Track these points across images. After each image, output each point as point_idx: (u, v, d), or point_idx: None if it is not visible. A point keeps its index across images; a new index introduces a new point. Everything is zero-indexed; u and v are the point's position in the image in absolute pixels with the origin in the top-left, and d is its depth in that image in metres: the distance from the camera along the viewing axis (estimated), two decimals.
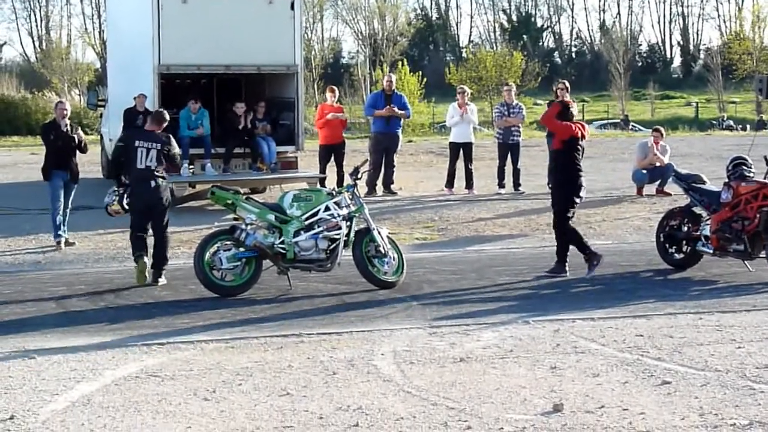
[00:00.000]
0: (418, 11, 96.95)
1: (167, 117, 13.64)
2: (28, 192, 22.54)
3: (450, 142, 22.00)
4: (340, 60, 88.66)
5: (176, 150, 13.37)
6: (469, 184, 21.36)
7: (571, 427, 7.23)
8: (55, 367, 8.94)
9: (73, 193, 15.71)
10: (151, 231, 13.21)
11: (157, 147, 13.06)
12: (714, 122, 62.76)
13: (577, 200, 13.36)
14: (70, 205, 15.64)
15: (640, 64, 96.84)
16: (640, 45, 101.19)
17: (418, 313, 11.20)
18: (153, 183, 12.98)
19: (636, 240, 16.19)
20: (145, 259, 12.94)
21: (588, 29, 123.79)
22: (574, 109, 13.77)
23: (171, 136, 13.57)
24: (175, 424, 7.36)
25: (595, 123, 58.36)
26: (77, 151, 15.49)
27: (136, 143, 13.09)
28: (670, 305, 11.44)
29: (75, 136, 15.37)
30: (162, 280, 12.92)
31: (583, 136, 13.35)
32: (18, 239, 16.15)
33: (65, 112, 15.46)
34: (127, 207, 13.20)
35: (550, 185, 14.37)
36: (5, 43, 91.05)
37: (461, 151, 21.38)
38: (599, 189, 22.18)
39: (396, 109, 21.13)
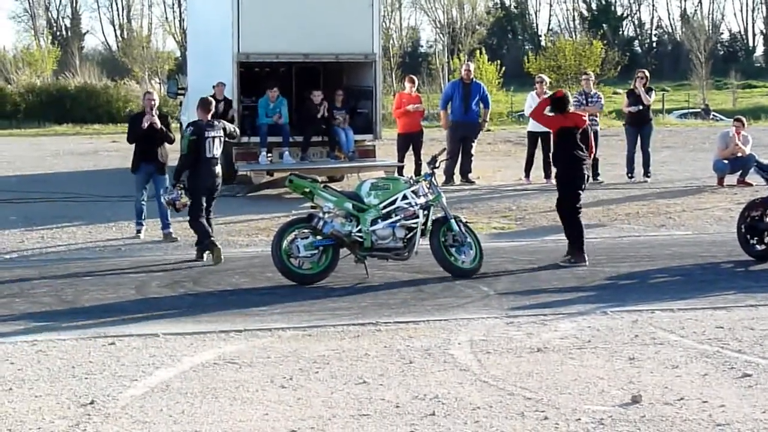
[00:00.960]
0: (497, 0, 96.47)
1: (213, 102, 14.38)
2: (109, 179, 22.86)
3: (528, 131, 21.89)
4: (418, 49, 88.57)
5: (231, 127, 14.27)
6: (547, 174, 21.21)
7: (649, 419, 7.16)
8: (135, 353, 9.03)
9: (165, 183, 15.11)
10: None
11: (220, 135, 13.76)
12: None
13: (581, 192, 13.31)
14: (163, 197, 14.50)
15: (721, 52, 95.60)
16: (722, 34, 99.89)
17: (495, 302, 11.15)
18: (217, 168, 13.82)
19: (716, 231, 15.98)
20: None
21: (669, 18, 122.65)
22: (571, 99, 13.97)
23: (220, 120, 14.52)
24: (252, 411, 7.40)
25: (676, 112, 57.68)
26: (165, 142, 15.45)
27: (206, 134, 13.69)
28: (752, 297, 11.27)
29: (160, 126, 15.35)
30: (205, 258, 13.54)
31: (578, 125, 13.29)
32: (99, 226, 16.34)
33: (153, 102, 15.33)
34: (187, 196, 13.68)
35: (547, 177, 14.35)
36: (87, 32, 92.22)
37: (539, 140, 21.25)
38: (679, 179, 21.97)
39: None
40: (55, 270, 13.15)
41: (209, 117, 13.91)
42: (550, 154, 21.13)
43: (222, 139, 13.89)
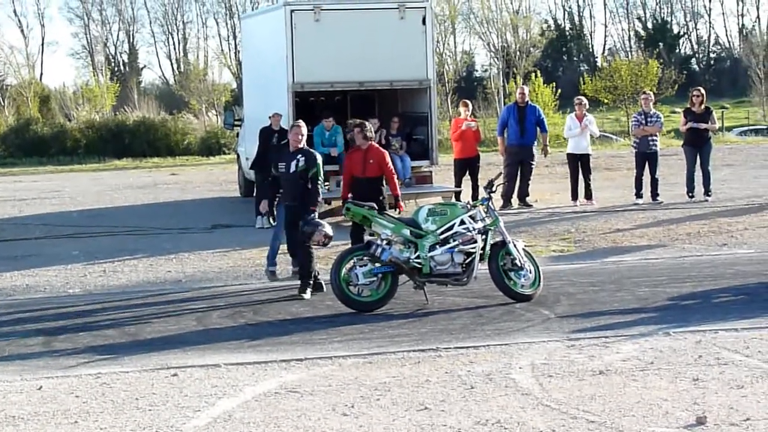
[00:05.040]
0: (551, 22, 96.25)
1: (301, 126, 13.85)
2: (169, 212, 23.06)
3: (568, 154, 21.85)
4: (473, 73, 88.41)
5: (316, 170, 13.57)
6: (588, 195, 21.15)
7: None
8: (197, 383, 9.08)
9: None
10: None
11: (303, 158, 13.45)
12: None
13: None
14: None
15: None
16: None
17: (555, 325, 11.09)
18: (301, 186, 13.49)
19: None
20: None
21: (726, 34, 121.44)
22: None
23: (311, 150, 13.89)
24: None
25: (735, 130, 57.13)
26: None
27: (279, 166, 13.63)
28: None
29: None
30: (306, 295, 13.11)
31: None
32: (159, 258, 16.46)
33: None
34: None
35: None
36: (145, 66, 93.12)
37: (578, 162, 21.21)
38: (741, 197, 21.75)
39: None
40: (117, 303, 13.28)
41: (299, 143, 13.66)
42: (590, 176, 21.16)
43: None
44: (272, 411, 8.12)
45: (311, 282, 13.22)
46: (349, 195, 13.83)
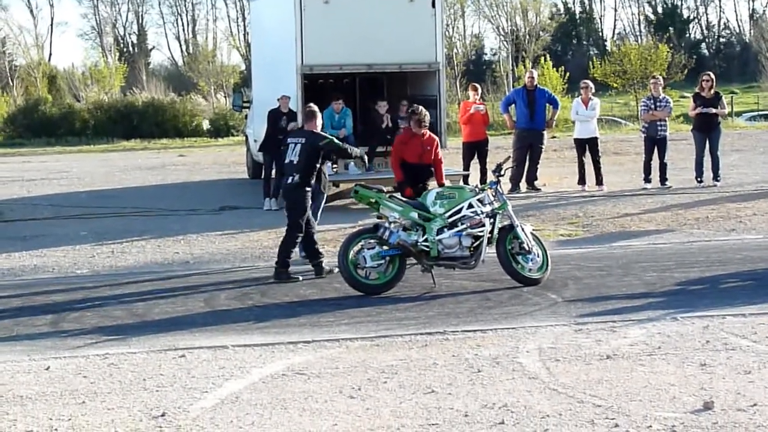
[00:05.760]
0: (561, 5, 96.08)
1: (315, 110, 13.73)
2: (177, 193, 23.08)
3: (574, 139, 21.83)
4: (482, 57, 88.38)
5: (336, 144, 13.53)
6: (599, 180, 21.11)
7: (722, 426, 7.07)
8: (204, 365, 9.09)
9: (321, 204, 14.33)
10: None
11: (301, 142, 13.28)
12: None
13: None
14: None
15: None
16: None
17: (563, 309, 11.09)
18: (291, 179, 13.22)
19: None
20: (323, 263, 13.39)
21: (736, 19, 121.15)
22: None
23: (324, 134, 13.80)
24: (322, 421, 7.42)
25: (745, 115, 57.03)
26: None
27: (288, 140, 13.54)
28: None
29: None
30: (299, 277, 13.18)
31: None
32: (168, 240, 16.48)
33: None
34: None
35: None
36: (153, 47, 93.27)
37: (587, 147, 21.19)
38: (750, 182, 21.73)
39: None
40: (125, 284, 13.29)
41: (314, 128, 13.57)
42: (599, 160, 21.13)
43: (303, 147, 13.24)
44: (279, 393, 8.13)
45: (279, 267, 13.18)
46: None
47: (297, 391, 8.15)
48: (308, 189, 13.18)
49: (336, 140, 13.79)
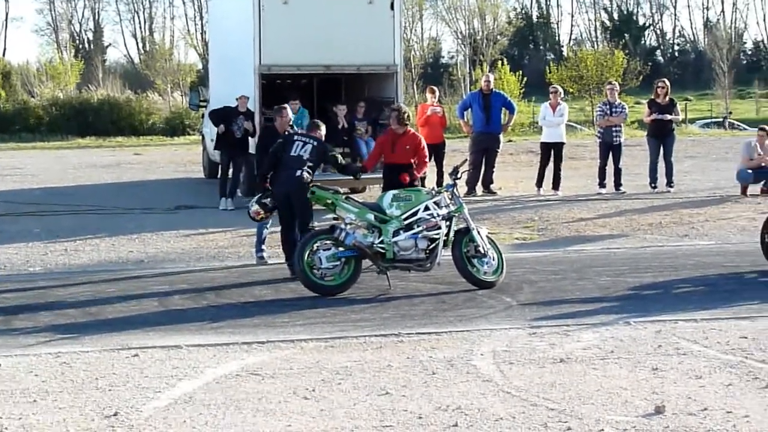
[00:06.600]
0: (519, 10, 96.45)
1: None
2: (132, 192, 22.96)
3: (541, 143, 21.91)
4: (439, 60, 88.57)
5: (339, 160, 13.72)
6: (556, 185, 21.22)
7: (673, 430, 7.13)
8: (158, 364, 9.05)
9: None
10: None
11: (313, 143, 13.25)
12: None
13: None
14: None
15: (744, 62, 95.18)
16: (745, 43, 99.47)
17: (517, 313, 11.14)
18: (299, 172, 13.00)
19: (740, 240, 15.91)
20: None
21: (691, 27, 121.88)
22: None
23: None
24: (276, 422, 7.41)
25: (699, 122, 57.48)
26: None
27: (295, 137, 13.43)
28: None
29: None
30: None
31: None
32: (122, 238, 16.39)
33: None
34: (269, 204, 13.27)
35: None
36: (110, 45, 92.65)
37: (552, 152, 21.29)
38: (702, 189, 21.92)
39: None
40: (78, 282, 13.20)
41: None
42: (561, 165, 21.22)
43: (314, 149, 13.29)
44: (233, 393, 8.11)
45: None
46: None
47: (251, 392, 8.13)
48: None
49: (339, 157, 14.02)
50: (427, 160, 14.53)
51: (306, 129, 14.08)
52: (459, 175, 13.05)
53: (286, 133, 13.95)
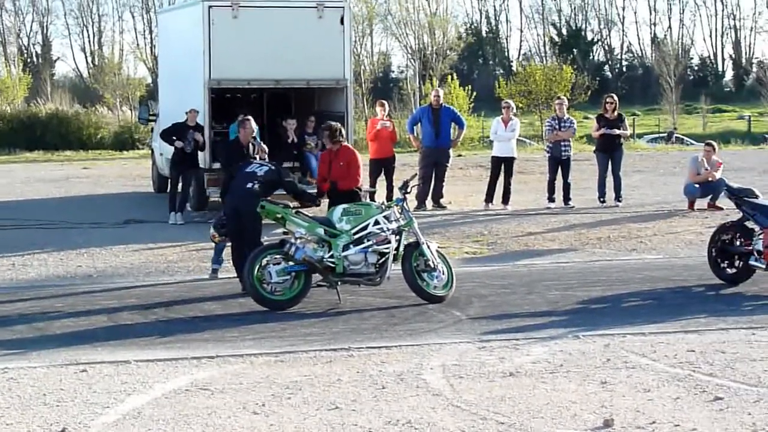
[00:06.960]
0: (468, 25, 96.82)
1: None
2: (80, 206, 22.76)
3: (492, 157, 21.95)
4: (389, 74, 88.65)
5: (295, 186, 13.67)
6: (506, 199, 21.29)
7: None
8: (106, 380, 8.99)
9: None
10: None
11: (270, 166, 13.30)
12: (767, 136, 62.06)
13: None
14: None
15: (691, 77, 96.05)
16: (692, 58, 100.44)
17: (467, 327, 11.17)
18: (249, 184, 12.91)
19: (687, 254, 16.04)
20: None
21: (639, 43, 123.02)
22: None
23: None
24: None
25: (647, 137, 57.94)
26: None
27: (254, 162, 13.55)
28: (722, 320, 11.35)
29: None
30: None
31: None
32: (70, 253, 16.26)
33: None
34: (222, 231, 13.35)
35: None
36: (58, 58, 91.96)
37: (502, 166, 21.37)
38: (650, 203, 22.07)
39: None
40: (26, 297, 13.09)
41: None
42: (511, 180, 21.31)
43: (271, 172, 13.30)
44: (182, 408, 8.07)
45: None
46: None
47: (200, 407, 8.10)
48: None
49: (298, 184, 14.06)
50: (358, 177, 14.19)
51: (238, 125, 14.29)
52: (409, 190, 13.09)
53: (250, 144, 14.00)
